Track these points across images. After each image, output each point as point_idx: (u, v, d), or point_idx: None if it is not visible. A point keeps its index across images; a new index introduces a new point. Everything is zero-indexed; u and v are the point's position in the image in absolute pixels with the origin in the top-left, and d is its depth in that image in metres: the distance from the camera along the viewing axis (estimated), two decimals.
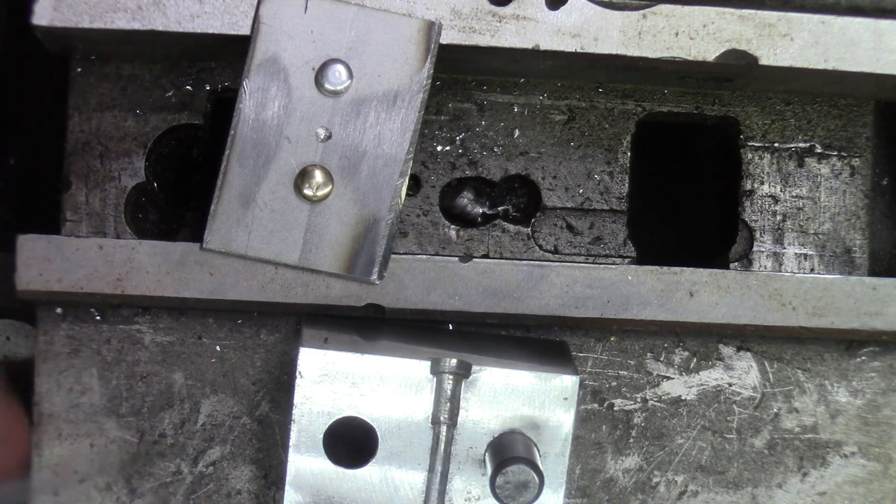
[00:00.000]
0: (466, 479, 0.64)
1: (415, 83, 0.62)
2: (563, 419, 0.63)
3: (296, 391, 0.62)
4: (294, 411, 0.62)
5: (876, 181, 0.73)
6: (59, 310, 0.67)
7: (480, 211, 0.70)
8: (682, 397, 0.71)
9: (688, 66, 0.64)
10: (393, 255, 0.64)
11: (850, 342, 0.71)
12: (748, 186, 0.71)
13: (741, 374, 0.71)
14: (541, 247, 0.69)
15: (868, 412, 0.71)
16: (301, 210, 0.62)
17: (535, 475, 0.59)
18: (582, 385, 0.69)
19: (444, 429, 0.62)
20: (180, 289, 0.63)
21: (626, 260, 0.70)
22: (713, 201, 0.77)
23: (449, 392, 0.62)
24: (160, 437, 0.68)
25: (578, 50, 0.63)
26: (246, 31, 0.61)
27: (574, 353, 0.69)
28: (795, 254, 0.71)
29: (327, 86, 0.61)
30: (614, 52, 0.63)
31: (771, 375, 0.71)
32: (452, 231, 0.69)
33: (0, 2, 0.75)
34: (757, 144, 0.71)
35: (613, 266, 0.66)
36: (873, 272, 0.72)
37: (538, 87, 0.69)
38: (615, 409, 0.70)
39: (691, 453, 0.71)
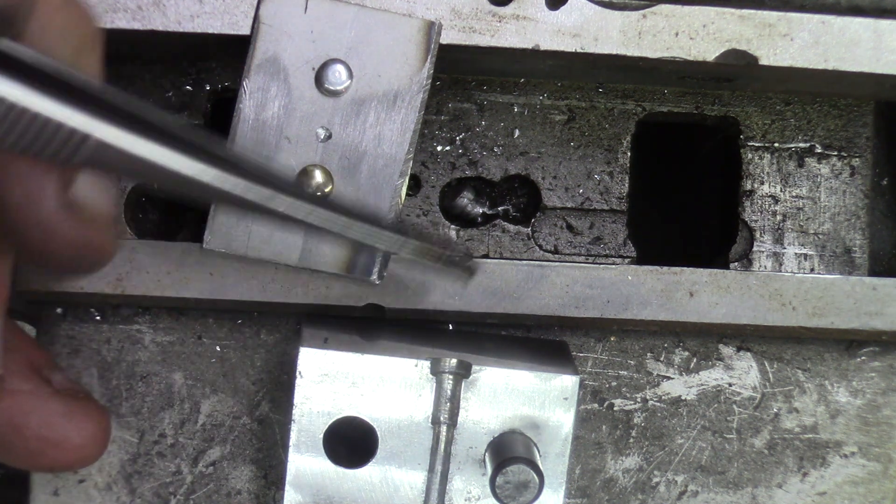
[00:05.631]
0: (466, 479, 0.64)
1: (415, 83, 0.62)
2: (563, 419, 0.63)
3: (296, 391, 0.62)
4: (294, 411, 0.62)
5: (876, 181, 0.73)
6: (59, 310, 0.67)
7: (480, 211, 0.70)
8: (682, 397, 0.71)
9: (688, 66, 0.64)
10: (393, 255, 0.64)
11: (850, 342, 0.71)
12: (748, 186, 0.71)
13: (741, 374, 0.71)
14: (541, 247, 0.69)
15: (868, 412, 0.71)
16: None
17: (535, 475, 0.59)
18: (582, 385, 0.69)
19: (444, 429, 0.62)
20: (180, 289, 0.63)
21: (626, 260, 0.70)
22: (713, 201, 0.77)
23: (449, 392, 0.62)
24: (160, 437, 0.68)
25: (578, 50, 0.63)
26: (246, 31, 0.61)
27: (574, 353, 0.69)
28: (795, 254, 0.71)
29: (327, 86, 0.61)
30: (614, 52, 0.63)
31: (771, 375, 0.71)
32: (452, 231, 0.69)
33: None
34: (757, 144, 0.71)
35: (613, 266, 0.66)
36: (873, 272, 0.72)
37: (538, 87, 0.69)
38: (615, 409, 0.70)
39: (691, 453, 0.71)
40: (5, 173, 0.46)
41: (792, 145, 0.71)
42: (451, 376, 0.62)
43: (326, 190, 0.62)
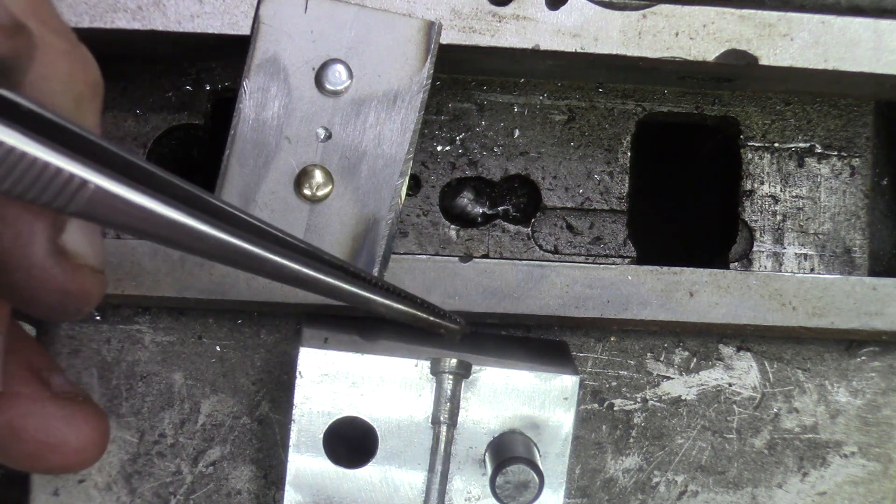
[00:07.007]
0: (466, 479, 0.64)
1: (415, 83, 0.62)
2: (563, 419, 0.63)
3: (296, 391, 0.62)
4: (294, 411, 0.62)
5: (876, 181, 0.73)
6: None
7: (480, 211, 0.70)
8: (682, 397, 0.71)
9: (688, 66, 0.64)
10: (393, 255, 0.64)
11: (850, 342, 0.71)
12: (748, 186, 0.71)
13: (741, 374, 0.71)
14: (541, 247, 0.69)
15: (868, 412, 0.71)
16: (301, 210, 0.62)
17: (535, 475, 0.59)
18: (582, 385, 0.69)
19: (444, 429, 0.62)
20: (180, 289, 0.63)
21: (626, 260, 0.70)
22: (713, 201, 0.77)
23: (449, 392, 0.62)
24: (160, 437, 0.68)
25: (578, 50, 0.63)
26: (246, 31, 0.61)
27: (574, 353, 0.69)
28: (795, 254, 0.71)
29: (327, 86, 0.61)
30: (614, 52, 0.63)
31: (771, 375, 0.71)
32: (452, 231, 0.69)
33: None
34: (757, 144, 0.71)
35: (613, 266, 0.66)
36: (873, 272, 0.72)
37: (538, 87, 0.69)
38: (615, 409, 0.70)
39: (691, 453, 0.71)
40: None
41: (792, 145, 0.71)
42: (451, 376, 0.62)
43: (326, 190, 0.62)
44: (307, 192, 0.62)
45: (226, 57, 0.66)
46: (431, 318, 0.57)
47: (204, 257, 0.48)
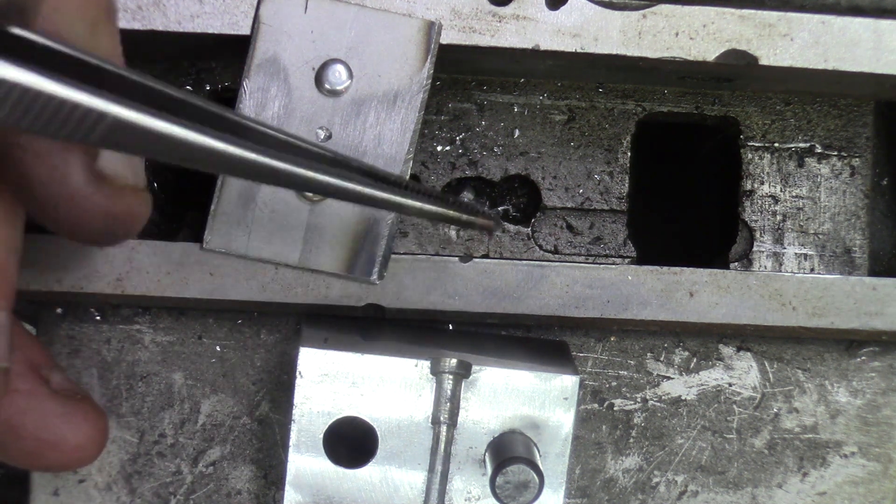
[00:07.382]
0: (466, 479, 0.64)
1: (415, 83, 0.62)
2: (563, 419, 0.63)
3: (296, 391, 0.62)
4: (294, 411, 0.62)
5: (876, 181, 0.73)
6: (59, 310, 0.67)
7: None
8: (682, 397, 0.71)
9: (688, 66, 0.64)
10: (393, 255, 0.64)
11: (850, 342, 0.71)
12: (748, 186, 0.71)
13: (741, 374, 0.71)
14: (541, 247, 0.69)
15: (868, 412, 0.71)
16: (301, 210, 0.62)
17: (535, 475, 0.59)
18: (582, 385, 0.69)
19: (444, 429, 0.62)
20: (180, 289, 0.63)
21: (626, 260, 0.70)
22: (713, 201, 0.77)
23: (449, 392, 0.62)
24: (160, 437, 0.68)
25: (578, 50, 0.63)
26: (246, 31, 0.61)
27: (574, 353, 0.69)
28: (795, 254, 0.71)
29: (327, 86, 0.61)
30: (614, 52, 0.63)
31: (771, 375, 0.71)
32: (452, 231, 0.69)
33: None
34: (757, 144, 0.71)
35: (613, 266, 0.66)
36: (873, 272, 0.72)
37: (538, 87, 0.69)
38: (615, 409, 0.70)
39: (691, 453, 0.71)
40: (27, 153, 0.46)
41: (792, 145, 0.71)
42: (451, 376, 0.62)
43: None
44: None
45: (226, 57, 0.66)
46: (464, 217, 0.56)
47: (230, 175, 0.47)
